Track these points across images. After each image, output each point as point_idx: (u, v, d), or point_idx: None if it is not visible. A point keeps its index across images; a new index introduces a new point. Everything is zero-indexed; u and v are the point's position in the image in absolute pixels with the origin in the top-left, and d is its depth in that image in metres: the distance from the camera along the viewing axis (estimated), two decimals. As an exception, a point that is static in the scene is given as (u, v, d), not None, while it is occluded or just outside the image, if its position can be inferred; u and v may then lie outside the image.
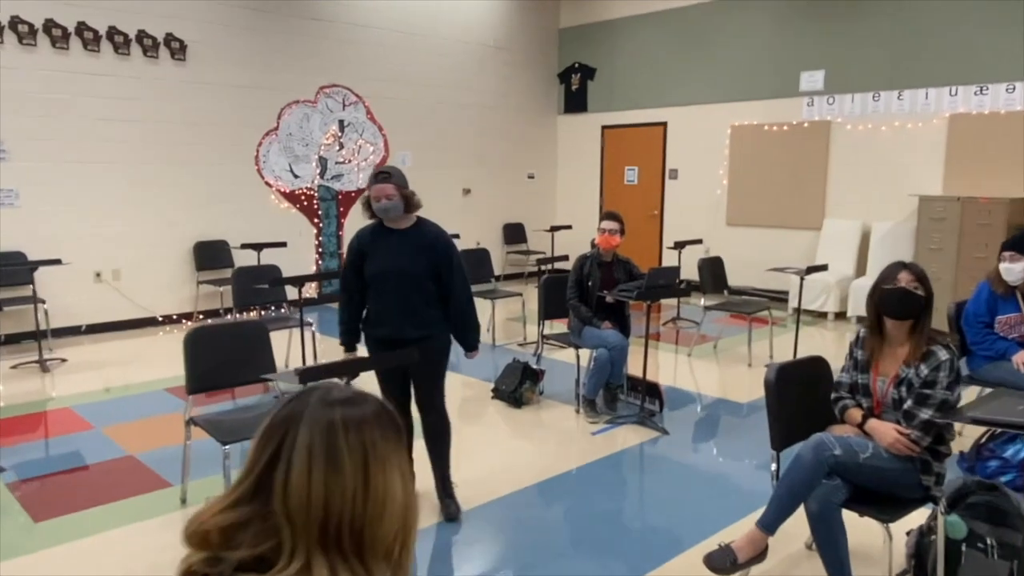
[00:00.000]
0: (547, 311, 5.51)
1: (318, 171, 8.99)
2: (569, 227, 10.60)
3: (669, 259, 9.66)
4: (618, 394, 5.24)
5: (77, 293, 7.26)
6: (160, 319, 7.81)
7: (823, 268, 6.55)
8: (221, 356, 3.68)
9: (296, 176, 8.80)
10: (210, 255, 7.97)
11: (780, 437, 2.90)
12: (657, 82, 10.33)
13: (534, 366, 5.48)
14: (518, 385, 5.34)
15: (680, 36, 9.99)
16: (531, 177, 11.41)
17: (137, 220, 7.59)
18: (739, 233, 9.59)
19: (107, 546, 3.34)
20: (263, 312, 6.84)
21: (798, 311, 6.38)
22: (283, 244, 7.73)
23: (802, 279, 6.26)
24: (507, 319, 8.15)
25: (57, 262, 6.43)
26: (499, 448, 4.57)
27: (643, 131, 10.62)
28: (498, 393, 5.44)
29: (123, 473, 4.12)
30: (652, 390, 5.22)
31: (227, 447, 3.34)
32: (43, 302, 6.70)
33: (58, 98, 7.02)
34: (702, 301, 6.96)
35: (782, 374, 2.92)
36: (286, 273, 6.31)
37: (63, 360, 6.44)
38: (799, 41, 8.86)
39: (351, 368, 3.42)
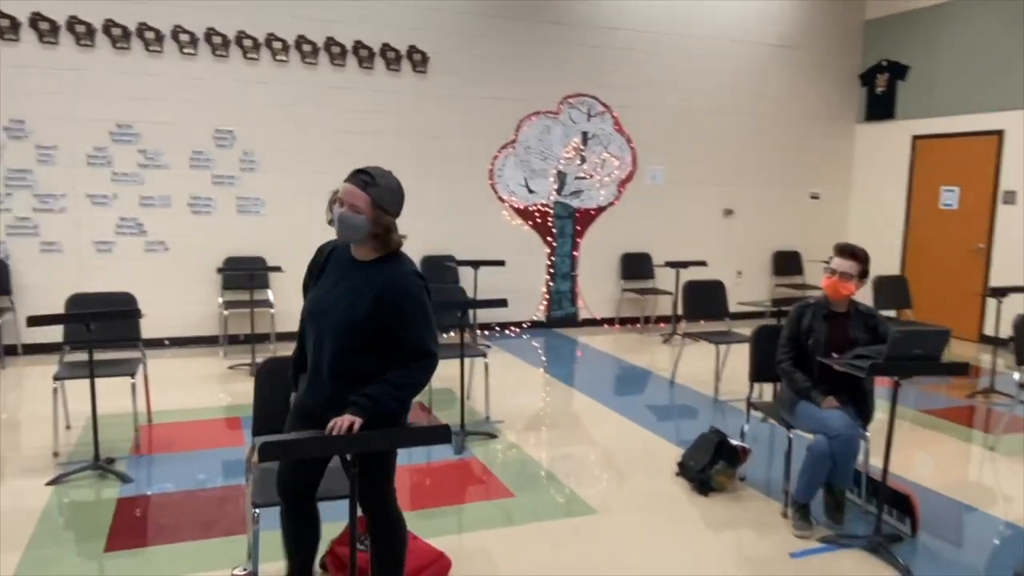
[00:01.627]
0: (758, 372, 4.17)
1: (555, 186, 8.37)
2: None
3: (991, 309, 7.34)
4: (845, 500, 3.74)
5: (307, 300, 7.46)
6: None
7: None
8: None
9: (531, 191, 8.27)
10: (436, 270, 7.74)
11: None
12: (992, 80, 7.99)
13: (734, 441, 4.18)
14: (709, 464, 4.10)
15: (1029, 16, 7.59)
16: (815, 197, 9.61)
17: (368, 231, 7.61)
18: (1105, 280, 6.94)
19: (140, 599, 2.94)
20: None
21: None
22: (501, 263, 7.21)
23: None
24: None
25: (276, 269, 6.60)
26: (657, 555, 3.42)
27: (969, 142, 8.30)
28: (683, 470, 4.24)
29: (232, 503, 3.79)
30: (899, 501, 3.64)
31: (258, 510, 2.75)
32: (271, 306, 6.96)
33: (305, 112, 7.28)
34: (1016, 375, 4.94)
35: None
36: (506, 293, 5.62)
37: (276, 365, 6.58)
38: None
39: (322, 446, 2.28)
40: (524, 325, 8.36)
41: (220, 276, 6.90)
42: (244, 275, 6.56)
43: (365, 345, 2.38)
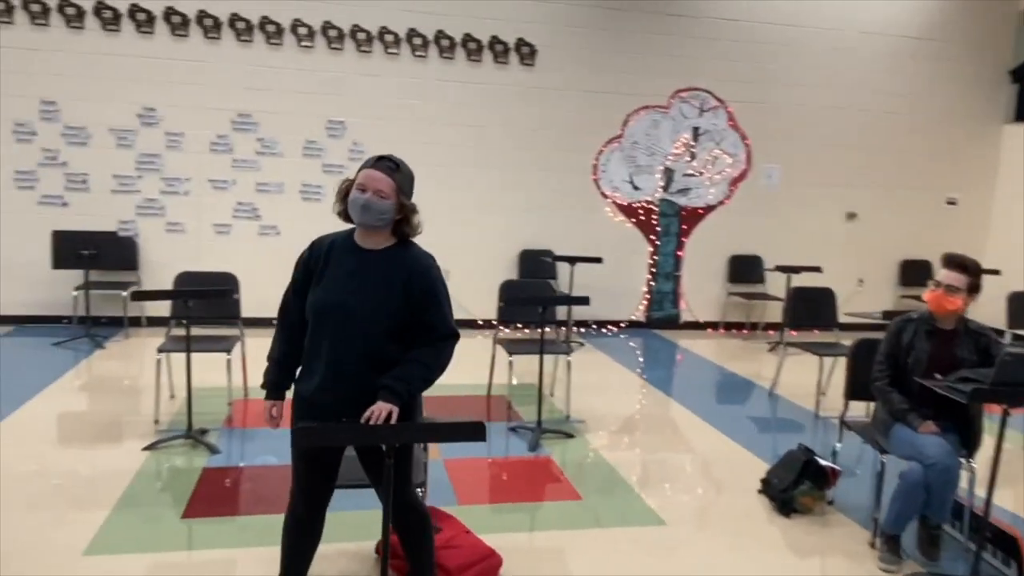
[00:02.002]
0: (855, 389, 3.86)
1: (662, 183, 8.12)
2: (997, 272, 7.90)
3: None
4: (941, 535, 3.40)
5: (407, 288, 7.62)
6: (480, 323, 7.81)
7: None
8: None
9: (636, 188, 8.07)
10: (532, 265, 7.71)
11: None
12: None
13: (824, 461, 3.89)
14: (793, 483, 3.84)
15: None
16: (952, 203, 8.84)
17: (470, 223, 7.67)
18: None
19: (211, 564, 3.07)
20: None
21: None
22: (598, 260, 7.07)
23: None
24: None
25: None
26: (721, 574, 3.24)
27: None
28: (766, 487, 3.99)
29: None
30: (1005, 542, 3.27)
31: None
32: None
33: (413, 104, 7.42)
34: None
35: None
36: (604, 291, 5.51)
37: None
38: None
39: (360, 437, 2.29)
40: (622, 324, 8.18)
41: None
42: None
43: (394, 332, 2.37)
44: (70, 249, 6.29)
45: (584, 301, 4.67)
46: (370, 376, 2.33)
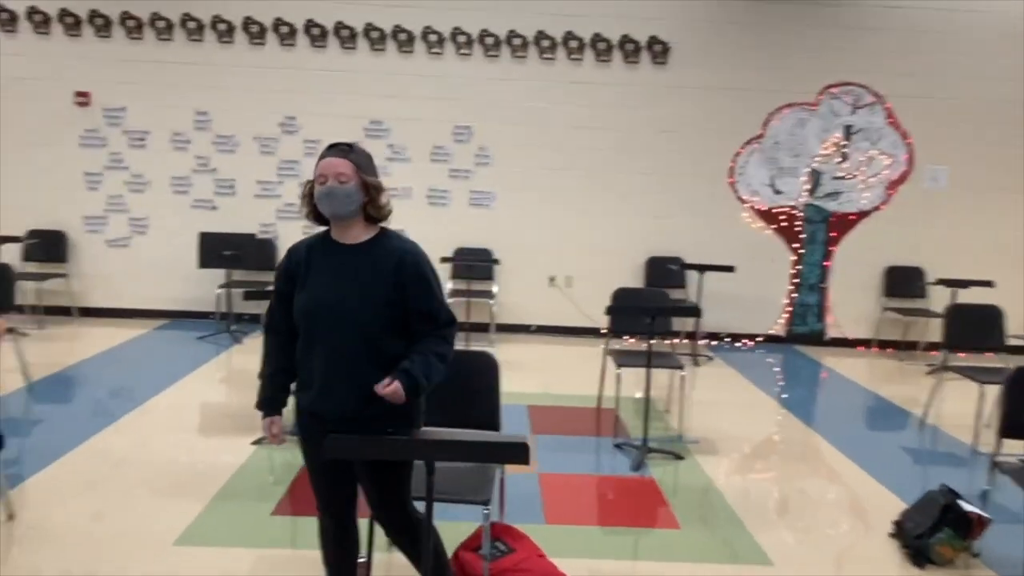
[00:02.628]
0: (1010, 425, 3.28)
1: (807, 187, 7.48)
2: None
3: None
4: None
5: (530, 294, 7.52)
6: (603, 331, 7.55)
7: None
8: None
9: (777, 192, 7.49)
10: (658, 272, 7.36)
11: None
12: None
13: (970, 506, 3.34)
14: (931, 530, 3.32)
15: None
16: None
17: (596, 228, 7.45)
18: None
19: (292, 562, 3.09)
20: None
21: None
22: (729, 268, 6.61)
23: None
24: None
25: (493, 262, 6.72)
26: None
27: None
28: (899, 531, 3.49)
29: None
30: None
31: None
32: (491, 297, 7.12)
33: (540, 107, 7.31)
34: None
35: None
36: (739, 302, 5.18)
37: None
38: None
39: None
40: (759, 339, 7.62)
41: (448, 266, 7.18)
42: (468, 265, 6.80)
43: (391, 328, 2.26)
44: (214, 250, 6.72)
45: (695, 312, 4.35)
46: (373, 375, 2.20)
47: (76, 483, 3.73)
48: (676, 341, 7.09)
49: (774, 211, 7.52)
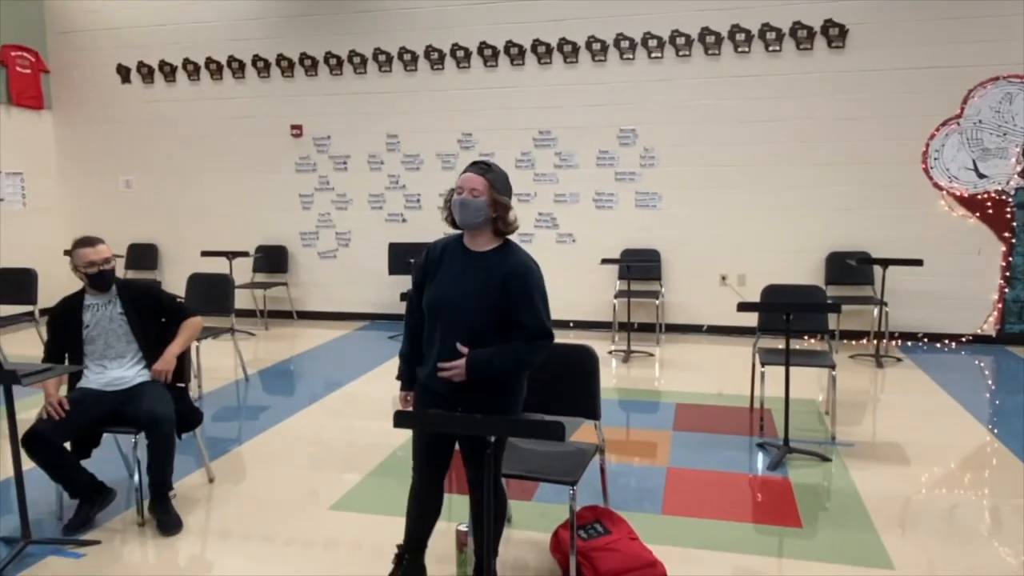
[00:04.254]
0: None
1: (1019, 169, 6.66)
2: None
3: None
4: None
5: (701, 294, 7.43)
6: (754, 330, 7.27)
7: None
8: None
9: (981, 176, 6.75)
10: (838, 268, 6.93)
11: None
12: None
13: None
14: (1096, 548, 2.95)
15: None
16: None
17: (769, 224, 7.21)
18: None
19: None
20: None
21: None
22: (917, 262, 6.09)
23: None
24: None
25: (654, 262, 6.75)
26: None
27: None
28: (1060, 548, 3.12)
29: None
30: None
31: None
32: (657, 297, 7.16)
33: (705, 104, 7.23)
34: None
35: None
36: (937, 298, 4.88)
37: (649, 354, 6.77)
38: None
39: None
40: (963, 339, 6.90)
41: (616, 267, 7.33)
42: (637, 266, 6.93)
43: (494, 328, 2.55)
44: (401, 258, 7.45)
45: (835, 308, 4.13)
46: None
47: (264, 455, 4.43)
48: (861, 342, 6.65)
49: (979, 197, 6.79)
